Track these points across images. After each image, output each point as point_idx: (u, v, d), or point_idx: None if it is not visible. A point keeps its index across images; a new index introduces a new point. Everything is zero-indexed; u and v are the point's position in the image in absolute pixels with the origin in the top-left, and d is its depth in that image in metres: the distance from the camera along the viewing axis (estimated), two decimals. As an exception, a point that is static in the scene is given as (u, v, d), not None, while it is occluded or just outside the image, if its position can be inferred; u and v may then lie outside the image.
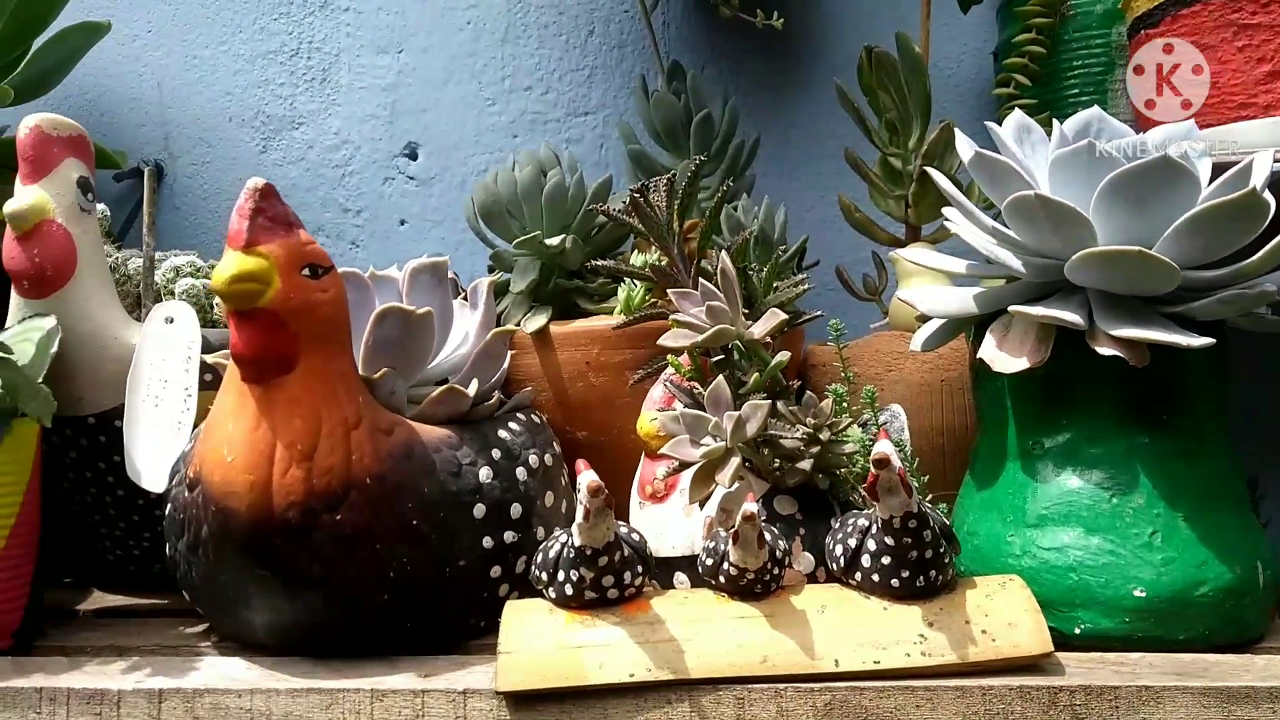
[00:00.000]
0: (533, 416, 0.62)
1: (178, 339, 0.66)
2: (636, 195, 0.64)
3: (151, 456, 0.62)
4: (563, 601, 0.50)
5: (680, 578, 0.58)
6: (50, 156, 0.64)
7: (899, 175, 0.83)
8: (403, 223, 1.03)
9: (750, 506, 0.48)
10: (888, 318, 0.83)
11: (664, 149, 0.89)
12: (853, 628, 0.49)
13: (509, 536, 0.56)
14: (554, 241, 0.74)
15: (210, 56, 1.04)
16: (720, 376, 0.56)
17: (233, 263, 0.47)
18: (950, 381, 0.76)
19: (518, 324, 0.74)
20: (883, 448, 0.47)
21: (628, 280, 0.73)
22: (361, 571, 0.50)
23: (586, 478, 0.46)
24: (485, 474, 0.55)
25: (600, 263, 0.69)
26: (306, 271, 0.49)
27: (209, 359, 0.63)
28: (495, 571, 0.56)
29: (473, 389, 0.57)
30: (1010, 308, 0.55)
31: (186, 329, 0.66)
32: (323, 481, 0.49)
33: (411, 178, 1.03)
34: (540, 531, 0.58)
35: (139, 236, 0.92)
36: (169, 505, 0.56)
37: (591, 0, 1.02)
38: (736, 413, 0.55)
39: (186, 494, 0.51)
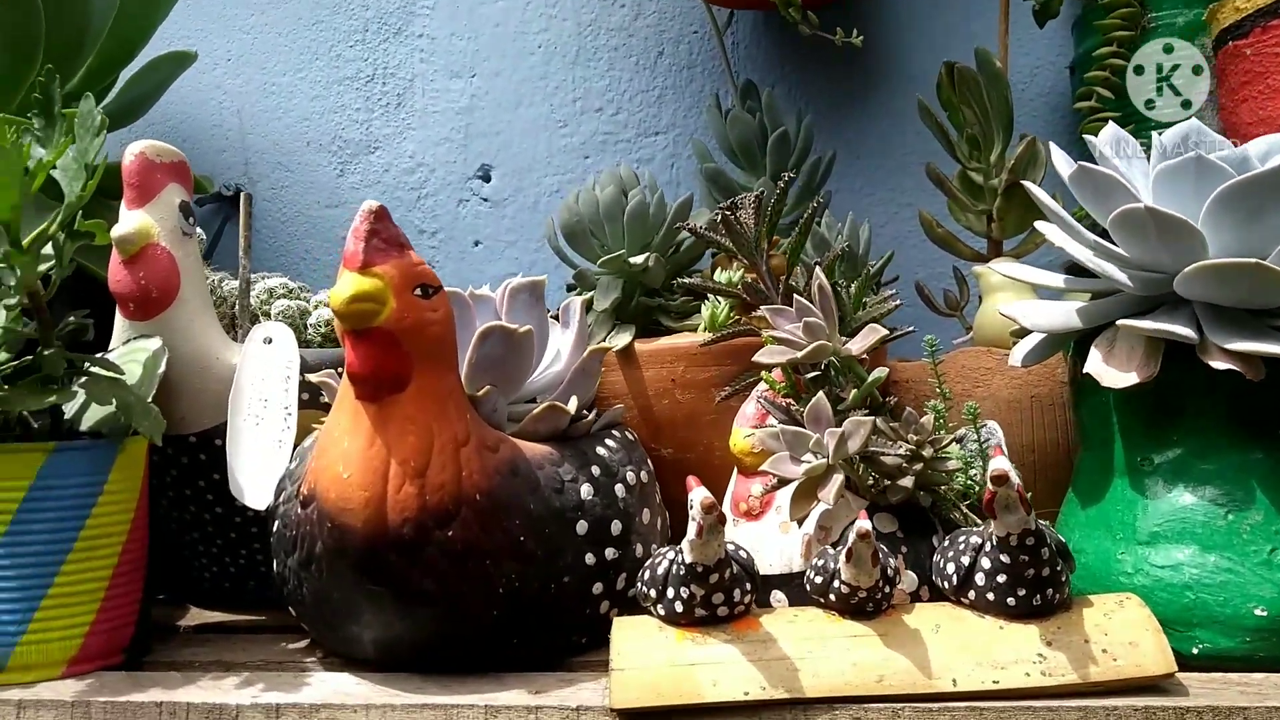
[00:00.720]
0: (626, 434, 0.63)
1: (277, 359, 0.67)
2: (727, 213, 0.64)
3: (253, 474, 0.63)
4: (672, 619, 0.50)
5: (777, 596, 0.58)
6: (154, 182, 0.66)
7: (979, 190, 0.83)
8: (477, 243, 1.04)
9: (864, 524, 0.47)
10: (971, 333, 0.83)
11: (739, 167, 0.89)
12: (969, 647, 0.48)
13: (610, 553, 0.56)
14: (638, 260, 0.74)
15: (288, 83, 1.06)
16: (821, 393, 0.56)
17: (350, 284, 0.48)
18: (1040, 398, 0.75)
19: (602, 342, 0.75)
20: (1001, 464, 0.46)
21: (711, 297, 0.74)
22: (472, 587, 0.51)
23: (699, 494, 0.46)
24: (586, 491, 0.56)
25: (687, 280, 0.69)
26: (418, 291, 0.50)
27: (311, 378, 0.64)
28: (597, 588, 0.56)
29: (572, 406, 0.57)
30: (1119, 321, 0.54)
31: (285, 349, 0.67)
32: (435, 498, 0.50)
33: (485, 199, 1.04)
34: (639, 549, 0.58)
35: (223, 259, 0.94)
36: (276, 522, 0.57)
37: (660, 23, 1.03)
38: (839, 429, 0.55)
39: (299, 511, 0.52)
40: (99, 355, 0.60)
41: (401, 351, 0.50)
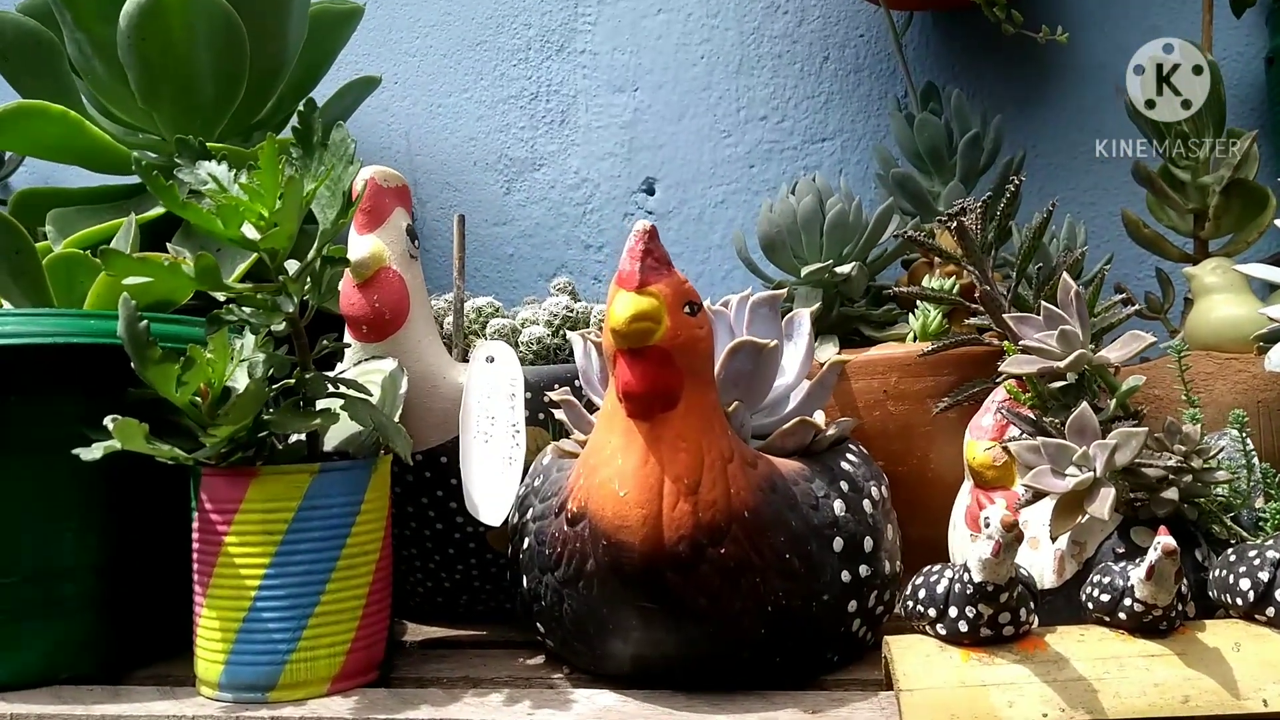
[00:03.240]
0: (860, 448, 0.62)
1: (500, 377, 0.68)
2: (961, 219, 0.63)
3: (486, 491, 0.64)
4: (954, 638, 0.49)
5: (1027, 612, 0.56)
6: (383, 207, 0.67)
7: (1184, 187, 0.80)
8: (643, 256, 1.04)
9: (1169, 540, 0.46)
10: (1180, 336, 0.79)
11: (923, 171, 0.88)
12: (1274, 665, 0.46)
13: (863, 570, 0.55)
14: (844, 270, 0.73)
15: (454, 104, 1.08)
16: (1084, 404, 0.54)
17: (629, 303, 0.48)
18: (1268, 403, 0.71)
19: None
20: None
21: (921, 305, 0.72)
22: (744, 605, 0.51)
23: (998, 511, 0.45)
24: (839, 507, 0.55)
25: (903, 289, 0.68)
26: (688, 309, 0.50)
27: (554, 396, 0.64)
28: (851, 606, 0.55)
29: (820, 420, 0.57)
30: None
31: (508, 367, 0.68)
32: (708, 515, 0.49)
33: (650, 212, 1.04)
34: (886, 565, 0.57)
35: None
36: (527, 539, 0.58)
37: (825, 28, 1.02)
38: (1108, 441, 0.53)
39: (565, 528, 0.52)
40: (338, 376, 0.62)
41: (674, 369, 0.50)
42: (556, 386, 0.72)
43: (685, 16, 1.04)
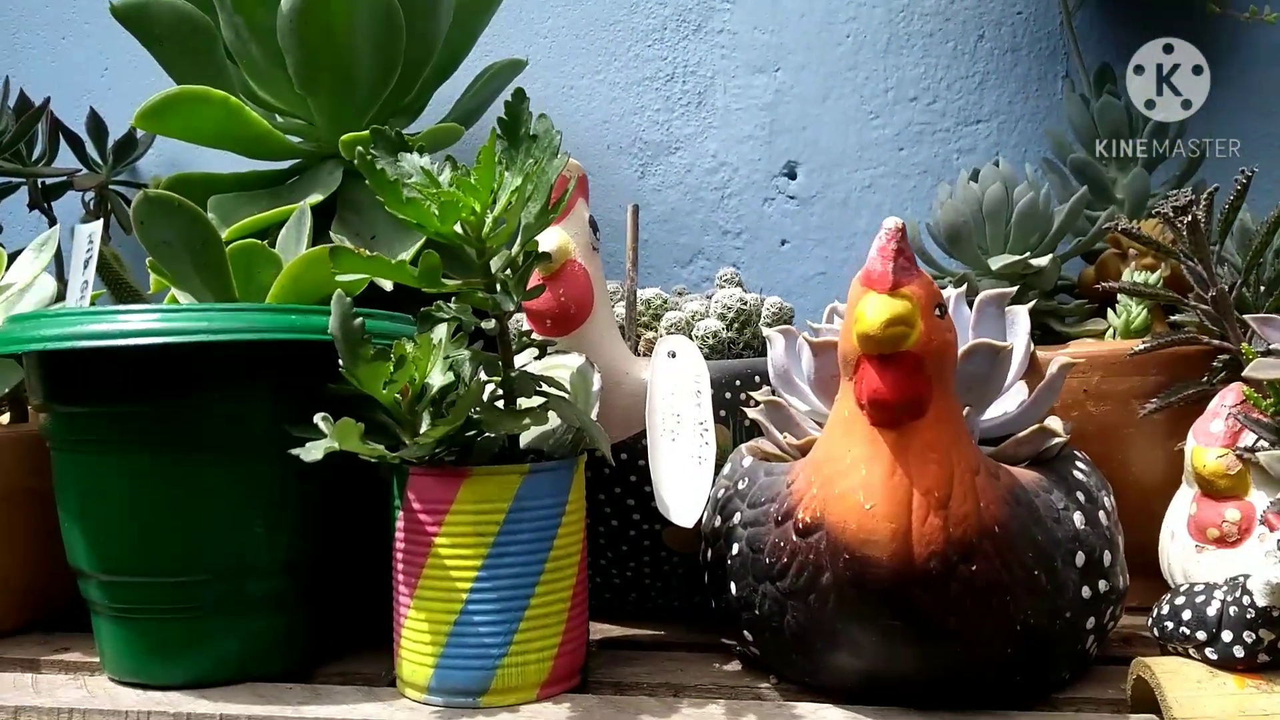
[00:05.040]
0: (1085, 455, 0.59)
1: (683, 373, 0.66)
2: (1193, 210, 0.59)
3: (676, 491, 0.62)
4: (1227, 664, 0.46)
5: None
6: (569, 199, 0.65)
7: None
8: (784, 243, 1.01)
9: None
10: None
11: (1098, 156, 0.84)
12: None
13: (1102, 586, 0.52)
14: (1040, 263, 0.70)
15: (587, 86, 1.06)
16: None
17: (884, 306, 0.45)
18: None
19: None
20: None
21: (1123, 300, 0.69)
22: (994, 624, 0.48)
23: (1298, 534, 0.42)
24: (1079, 519, 0.52)
25: (1115, 284, 0.64)
26: (938, 311, 0.47)
27: (759, 398, 0.62)
28: (1089, 623, 0.52)
29: (1057, 426, 0.54)
30: None
31: (691, 363, 0.66)
32: (959, 530, 0.47)
33: (792, 197, 1.01)
34: (1121, 581, 0.54)
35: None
36: (735, 545, 0.56)
37: (980, 5, 0.98)
38: (1382, 454, 0.49)
39: (795, 539, 0.50)
40: (525, 371, 0.60)
41: (925, 375, 0.47)
42: (738, 383, 0.69)
43: (830, -7, 1.00)
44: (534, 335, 0.63)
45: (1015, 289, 0.58)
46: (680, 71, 1.04)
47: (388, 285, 0.72)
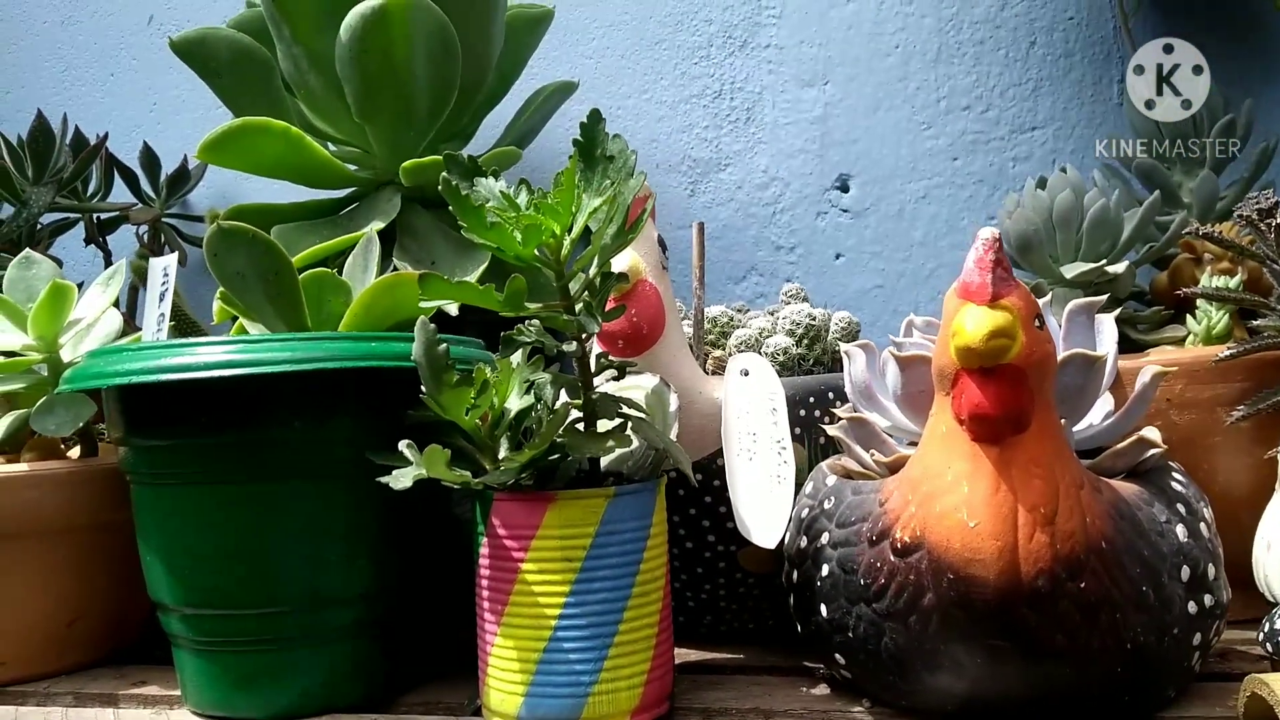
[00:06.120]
0: (1179, 465, 0.57)
1: (757, 391, 0.65)
2: (1278, 212, 0.58)
3: (756, 511, 0.62)
4: (1352, 680, 0.45)
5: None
6: (637, 217, 0.65)
7: None
8: (838, 256, 1.01)
9: None
10: None
11: (1163, 160, 0.82)
12: None
13: (1206, 600, 0.51)
14: (1117, 269, 0.69)
15: (634, 105, 1.06)
16: None
17: (985, 319, 0.45)
18: None
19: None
20: None
21: (1203, 306, 0.67)
22: (1102, 642, 0.47)
23: None
24: (1181, 532, 0.51)
25: (1199, 290, 0.63)
26: (1037, 323, 0.46)
27: (842, 414, 0.61)
28: (1196, 639, 0.51)
29: (1155, 437, 0.52)
30: None
31: (765, 381, 0.65)
32: (1066, 546, 0.46)
33: (845, 210, 1.01)
34: (1225, 594, 0.53)
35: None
36: (825, 566, 0.55)
37: (1030, 11, 0.97)
38: None
39: (892, 559, 0.49)
40: (606, 393, 0.59)
41: (1027, 389, 0.46)
42: (811, 400, 0.69)
43: (877, 5, 1.00)
44: (609, 357, 0.63)
45: (1105, 298, 0.57)
46: (728, 88, 1.03)
47: (453, 310, 0.72)
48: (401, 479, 0.51)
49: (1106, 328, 0.58)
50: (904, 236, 0.99)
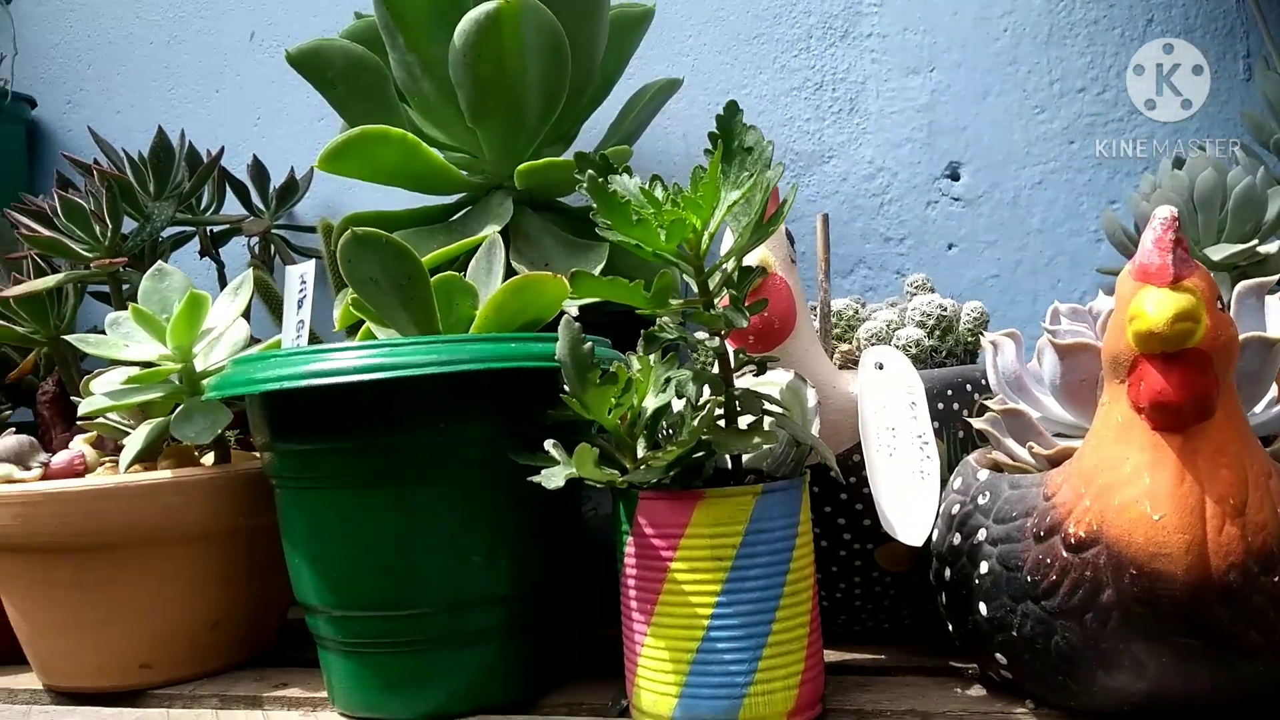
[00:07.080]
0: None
1: (894, 384, 0.64)
2: None
3: (900, 508, 0.60)
4: None
5: None
6: (765, 210, 0.64)
7: None
8: (951, 246, 0.98)
9: None
10: None
11: (1302, 135, 0.79)
12: None
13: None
14: (1269, 249, 0.66)
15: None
16: None
17: (1170, 301, 0.43)
18: None
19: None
20: None
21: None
22: (1300, 640, 0.44)
23: None
24: (1372, 522, 0.48)
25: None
26: (1219, 305, 0.44)
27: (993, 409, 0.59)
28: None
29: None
30: None
31: (901, 374, 0.64)
32: (1258, 539, 0.44)
33: (956, 199, 0.98)
34: None
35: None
36: (984, 563, 0.53)
37: (1147, -14, 0.94)
38: None
39: (1064, 554, 0.47)
40: (748, 389, 0.58)
41: (1212, 374, 0.44)
42: (949, 392, 0.67)
43: (984, -12, 0.97)
44: (747, 353, 0.62)
45: (1276, 279, 0.54)
46: (829, 79, 1.02)
47: (573, 309, 0.72)
48: (553, 478, 0.51)
49: (1275, 311, 0.55)
50: (1020, 224, 0.96)
